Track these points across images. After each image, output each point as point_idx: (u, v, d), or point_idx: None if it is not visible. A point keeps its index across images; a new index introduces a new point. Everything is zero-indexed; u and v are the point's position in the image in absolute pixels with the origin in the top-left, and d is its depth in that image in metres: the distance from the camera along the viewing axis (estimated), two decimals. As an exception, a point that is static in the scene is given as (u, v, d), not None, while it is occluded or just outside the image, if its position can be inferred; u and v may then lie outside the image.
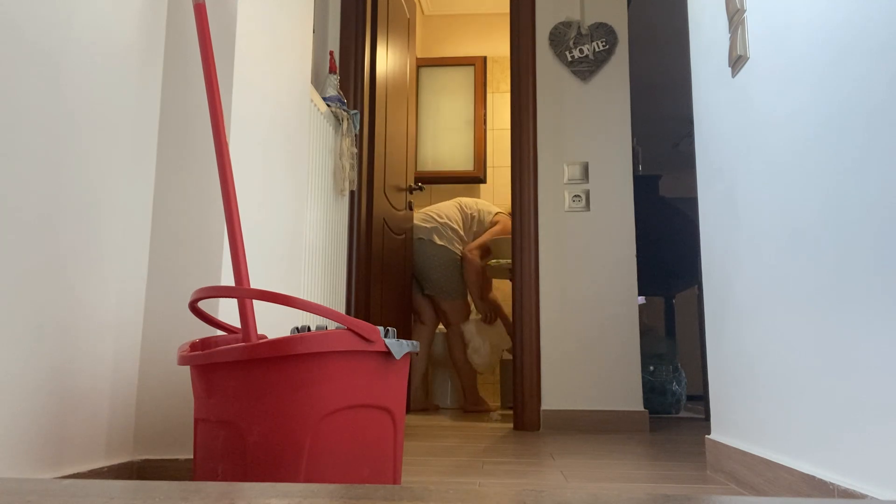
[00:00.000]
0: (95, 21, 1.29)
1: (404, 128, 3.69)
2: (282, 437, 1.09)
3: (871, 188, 0.98)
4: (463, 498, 0.78)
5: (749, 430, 1.49)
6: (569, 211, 3.04)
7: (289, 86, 1.94)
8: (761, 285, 1.41)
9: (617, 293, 2.96)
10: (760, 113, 1.42)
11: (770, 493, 1.32)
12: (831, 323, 1.10)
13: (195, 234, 1.48)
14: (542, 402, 2.89)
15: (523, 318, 2.99)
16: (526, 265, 3.02)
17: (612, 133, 3.08)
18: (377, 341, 1.16)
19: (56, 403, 1.17)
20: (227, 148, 1.37)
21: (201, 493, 0.77)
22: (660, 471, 1.75)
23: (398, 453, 1.24)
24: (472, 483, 1.53)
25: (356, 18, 3.02)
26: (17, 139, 1.07)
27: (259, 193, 1.71)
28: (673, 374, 3.68)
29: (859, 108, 1.02)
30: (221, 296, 1.20)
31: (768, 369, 1.38)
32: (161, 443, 1.42)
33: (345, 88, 2.95)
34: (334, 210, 2.72)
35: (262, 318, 1.61)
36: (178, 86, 1.53)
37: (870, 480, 0.98)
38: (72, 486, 0.82)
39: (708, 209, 1.79)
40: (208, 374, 1.14)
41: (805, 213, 1.20)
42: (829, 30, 1.12)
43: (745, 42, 1.50)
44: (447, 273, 3.87)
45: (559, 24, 3.17)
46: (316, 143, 2.47)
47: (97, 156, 1.29)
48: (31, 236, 1.11)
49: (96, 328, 1.29)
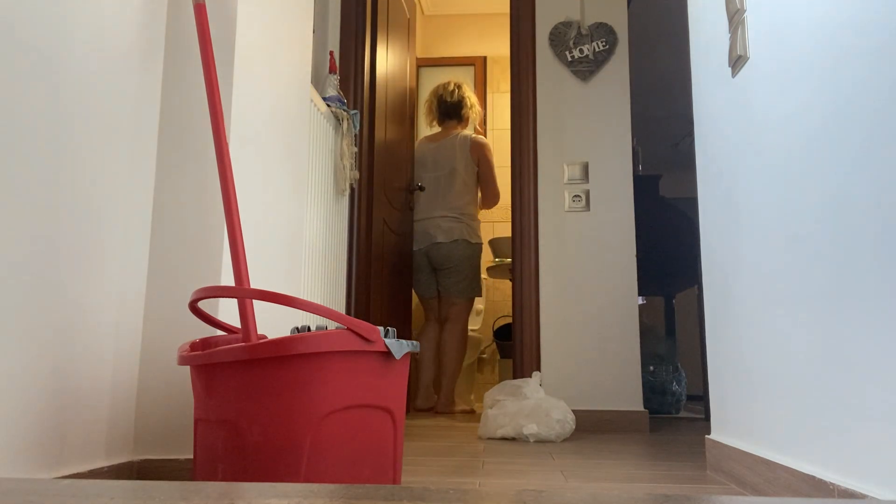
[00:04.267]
0: (95, 21, 1.29)
1: (404, 128, 3.69)
2: (282, 437, 1.09)
3: (871, 188, 0.98)
4: (463, 498, 0.78)
5: (749, 430, 1.49)
6: (569, 211, 3.04)
7: (289, 85, 1.94)
8: (761, 285, 1.41)
9: (617, 293, 2.96)
10: (760, 113, 1.42)
11: (770, 493, 1.32)
12: (831, 323, 1.10)
13: (195, 234, 1.48)
14: (542, 402, 2.88)
15: (523, 317, 2.99)
16: (526, 265, 3.02)
17: (612, 133, 3.08)
18: (377, 341, 1.16)
19: (56, 403, 1.17)
20: (227, 148, 1.37)
21: (201, 493, 0.77)
22: (660, 471, 1.75)
23: (398, 453, 1.24)
24: (472, 483, 1.53)
25: (356, 18, 3.02)
26: (16, 139, 1.07)
27: (259, 193, 1.71)
28: (673, 374, 3.68)
29: (860, 108, 1.02)
30: (221, 296, 1.20)
31: (768, 369, 1.38)
32: (161, 443, 1.42)
33: (345, 88, 2.95)
34: (334, 210, 2.72)
35: (262, 318, 1.61)
36: (178, 86, 1.53)
37: (870, 480, 0.98)
38: (72, 486, 0.82)
39: (708, 209, 1.79)
40: (208, 374, 1.14)
41: (805, 213, 1.20)
42: (830, 30, 1.12)
43: (745, 42, 1.50)
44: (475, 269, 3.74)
45: (559, 24, 3.17)
46: (316, 143, 2.47)
47: (97, 156, 1.29)
48: (32, 236, 1.10)
49: (96, 328, 1.29)
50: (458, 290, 3.71)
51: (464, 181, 3.78)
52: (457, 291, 3.71)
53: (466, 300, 3.74)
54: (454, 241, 3.70)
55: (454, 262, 3.71)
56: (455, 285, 3.71)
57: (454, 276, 3.72)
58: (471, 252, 3.75)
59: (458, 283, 3.71)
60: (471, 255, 3.75)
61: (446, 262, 3.72)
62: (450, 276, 3.72)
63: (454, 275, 3.72)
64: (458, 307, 3.72)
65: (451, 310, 3.73)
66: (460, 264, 3.72)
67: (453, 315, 3.72)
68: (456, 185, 3.77)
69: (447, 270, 3.73)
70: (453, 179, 3.78)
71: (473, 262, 3.77)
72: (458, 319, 3.71)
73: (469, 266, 3.75)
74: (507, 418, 2.46)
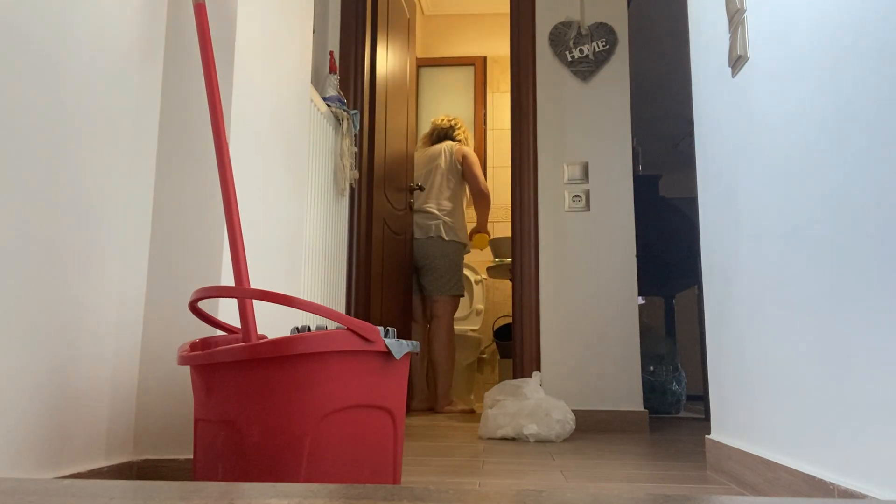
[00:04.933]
0: (95, 21, 1.29)
1: (404, 128, 3.69)
2: (282, 437, 1.09)
3: (871, 188, 0.98)
4: (463, 498, 0.78)
5: (749, 430, 1.49)
6: (569, 211, 3.04)
7: (289, 85, 1.94)
8: (761, 285, 1.41)
9: (617, 293, 2.96)
10: (760, 113, 1.42)
11: (770, 493, 1.32)
12: (831, 322, 1.10)
13: (195, 234, 1.48)
14: (542, 402, 2.88)
15: (523, 318, 2.99)
16: (526, 265, 3.02)
17: (612, 133, 3.08)
18: (377, 341, 1.16)
19: (56, 403, 1.17)
20: (227, 148, 1.37)
21: (201, 493, 0.77)
22: (660, 471, 1.75)
23: (398, 453, 1.24)
24: (472, 483, 1.53)
25: (356, 18, 3.02)
26: (16, 139, 1.07)
27: (259, 193, 1.71)
28: (673, 374, 3.68)
29: (860, 108, 1.02)
30: (221, 296, 1.20)
31: (768, 369, 1.38)
32: (161, 443, 1.42)
33: (345, 88, 2.95)
34: (334, 210, 2.72)
35: (262, 318, 1.61)
36: (178, 86, 1.53)
37: (870, 480, 0.98)
38: (72, 486, 0.82)
39: (708, 209, 1.79)
40: (208, 374, 1.14)
41: (805, 212, 1.20)
42: (830, 30, 1.12)
43: (745, 42, 1.50)
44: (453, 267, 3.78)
45: (559, 24, 3.17)
46: (316, 143, 2.47)
47: (97, 156, 1.29)
48: (32, 236, 1.10)
49: (96, 328, 1.29)
50: (436, 287, 3.74)
51: (444, 177, 3.84)
52: (435, 289, 3.74)
53: (447, 297, 3.75)
54: (429, 238, 3.76)
55: (430, 259, 3.75)
56: (433, 283, 3.75)
57: (432, 273, 3.76)
58: (446, 249, 3.76)
59: (435, 281, 3.75)
60: (446, 253, 3.76)
61: (423, 260, 3.77)
62: (428, 273, 3.77)
63: (432, 272, 3.76)
64: (439, 304, 3.73)
65: (434, 307, 3.75)
66: (436, 262, 3.75)
67: (437, 313, 3.73)
68: (436, 181, 3.84)
69: (425, 268, 3.78)
70: (434, 175, 3.85)
71: (450, 259, 3.78)
72: (443, 316, 3.72)
73: (446, 264, 3.76)
74: (507, 418, 2.46)
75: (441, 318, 3.72)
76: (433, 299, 3.75)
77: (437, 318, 3.73)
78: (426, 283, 3.78)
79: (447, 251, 3.77)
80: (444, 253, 3.76)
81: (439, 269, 3.75)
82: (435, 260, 3.75)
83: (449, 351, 3.68)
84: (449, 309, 3.75)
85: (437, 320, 3.73)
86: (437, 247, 3.75)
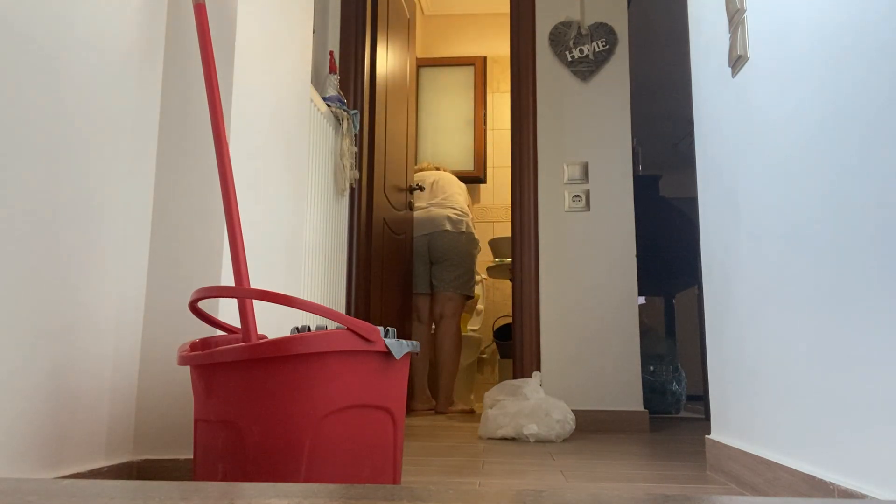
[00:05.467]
0: (95, 21, 1.29)
1: (404, 128, 3.69)
2: (282, 437, 1.09)
3: (871, 188, 0.98)
4: (463, 498, 0.78)
5: (749, 430, 1.49)
6: (569, 211, 3.04)
7: (289, 85, 1.94)
8: (761, 285, 1.41)
9: (617, 293, 2.96)
10: (760, 113, 1.42)
11: (770, 493, 1.32)
12: (831, 322, 1.10)
13: (195, 234, 1.48)
14: (542, 402, 2.88)
15: (523, 318, 2.99)
16: (526, 265, 3.02)
17: (612, 133, 3.08)
18: (377, 341, 1.16)
19: (56, 403, 1.17)
20: (227, 148, 1.37)
21: (201, 493, 0.77)
22: (660, 471, 1.75)
23: (398, 453, 1.24)
24: (472, 483, 1.53)
25: (356, 18, 3.02)
26: (16, 139, 1.07)
27: (259, 193, 1.71)
28: (673, 374, 3.68)
29: (860, 108, 1.02)
30: (221, 296, 1.20)
31: (768, 369, 1.38)
32: (161, 443, 1.42)
33: (345, 88, 2.95)
34: (334, 210, 2.72)
35: (262, 318, 1.61)
36: (178, 86, 1.53)
37: (870, 480, 0.98)
38: (72, 486, 0.82)
39: (708, 209, 1.79)
40: (208, 374, 1.14)
41: (805, 212, 1.20)
42: (830, 30, 1.12)
43: (745, 42, 1.50)
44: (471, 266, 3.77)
45: (559, 24, 3.17)
46: (316, 143, 2.47)
47: (97, 156, 1.29)
48: (31, 236, 1.11)
49: (96, 328, 1.29)
50: (456, 285, 3.69)
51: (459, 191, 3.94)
52: (454, 287, 3.68)
53: (458, 296, 3.72)
54: (461, 233, 3.72)
55: (457, 254, 3.70)
56: (454, 280, 3.69)
57: (454, 269, 3.70)
58: (473, 248, 3.79)
59: (457, 279, 3.70)
60: (472, 252, 3.78)
61: (449, 253, 3.70)
62: (449, 269, 3.70)
63: (454, 268, 3.70)
64: (453, 303, 3.68)
65: (446, 306, 3.68)
66: (462, 258, 3.71)
67: (447, 312, 3.67)
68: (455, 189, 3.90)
69: (447, 262, 3.70)
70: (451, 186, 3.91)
71: (473, 259, 3.80)
72: (452, 317, 3.67)
73: (469, 262, 3.76)
74: (507, 418, 2.46)
75: (450, 319, 3.67)
76: (445, 296, 3.68)
77: (445, 319, 3.67)
78: (443, 276, 3.70)
79: (471, 250, 3.78)
80: (470, 252, 3.77)
81: (464, 266, 3.73)
82: (463, 256, 3.73)
83: (457, 354, 3.65)
84: (458, 309, 3.71)
85: (445, 321, 3.67)
86: (467, 243, 3.75)
